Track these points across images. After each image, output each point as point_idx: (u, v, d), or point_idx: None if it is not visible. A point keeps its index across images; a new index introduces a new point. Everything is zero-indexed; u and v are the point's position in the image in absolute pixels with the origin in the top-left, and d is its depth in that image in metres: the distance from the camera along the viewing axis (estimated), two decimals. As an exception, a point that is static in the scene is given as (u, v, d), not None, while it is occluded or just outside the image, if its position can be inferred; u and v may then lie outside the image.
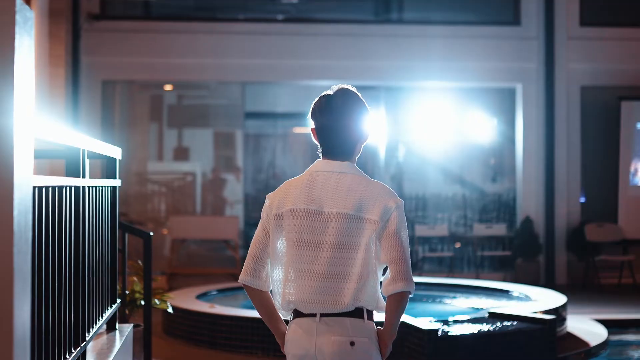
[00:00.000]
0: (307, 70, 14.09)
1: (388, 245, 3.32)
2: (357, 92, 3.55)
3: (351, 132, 3.49)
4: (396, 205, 3.36)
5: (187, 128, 15.56)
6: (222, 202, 15.26)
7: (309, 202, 3.41)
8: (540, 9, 14.57)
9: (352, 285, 3.32)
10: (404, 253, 3.32)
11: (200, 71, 14.44)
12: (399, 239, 3.33)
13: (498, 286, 11.34)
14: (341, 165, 3.47)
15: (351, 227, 3.34)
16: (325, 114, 3.51)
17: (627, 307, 12.00)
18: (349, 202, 3.36)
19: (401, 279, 3.28)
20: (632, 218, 14.31)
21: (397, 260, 3.30)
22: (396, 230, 3.33)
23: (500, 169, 15.67)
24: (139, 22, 14.51)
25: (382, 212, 3.34)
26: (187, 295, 10.11)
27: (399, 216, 3.36)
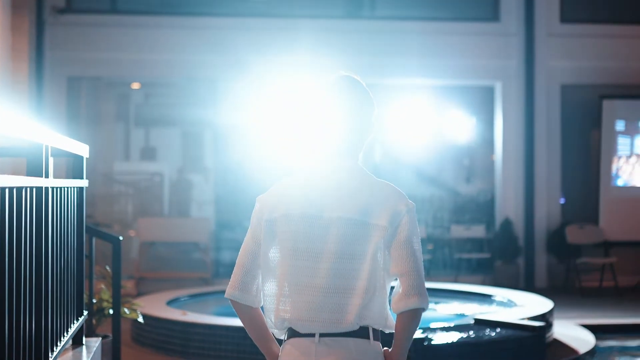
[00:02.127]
0: (279, 66, 13.67)
1: (399, 255, 2.91)
2: (361, 81, 3.12)
3: (355, 126, 3.06)
4: (407, 209, 2.95)
5: (155, 127, 15.27)
6: (192, 203, 14.96)
7: (306, 206, 2.98)
8: (520, 5, 14.31)
9: (356, 301, 2.89)
10: (416, 264, 2.91)
11: (169, 68, 14.06)
12: (411, 248, 2.91)
13: (480, 290, 11.03)
14: (343, 163, 3.04)
15: (355, 234, 2.91)
16: (326, 105, 3.09)
17: (610, 311, 11.79)
18: (352, 205, 2.94)
19: (414, 294, 2.86)
20: (613, 219, 14.09)
21: (409, 272, 2.88)
22: (407, 237, 2.92)
23: (479, 169, 15.44)
24: (105, 16, 14.09)
25: (392, 217, 2.93)
26: (157, 301, 9.71)
27: (411, 221, 2.95)
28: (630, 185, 14.30)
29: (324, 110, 3.10)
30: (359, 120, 3.06)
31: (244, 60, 13.68)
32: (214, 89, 14.39)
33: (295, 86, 13.40)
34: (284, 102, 13.51)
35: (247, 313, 3.07)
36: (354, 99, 3.06)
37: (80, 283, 4.71)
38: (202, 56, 13.78)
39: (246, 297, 3.04)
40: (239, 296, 3.04)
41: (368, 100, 3.09)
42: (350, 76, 3.11)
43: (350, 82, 3.09)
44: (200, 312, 9.25)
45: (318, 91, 3.13)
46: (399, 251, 2.90)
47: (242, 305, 3.05)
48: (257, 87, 13.76)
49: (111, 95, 15.13)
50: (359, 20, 14.46)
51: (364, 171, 3.05)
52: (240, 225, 15.00)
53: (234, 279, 3.05)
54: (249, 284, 3.04)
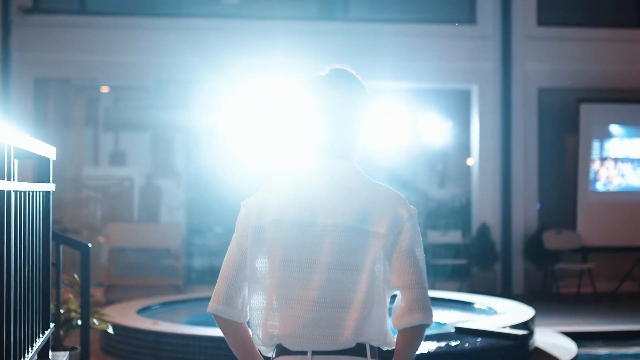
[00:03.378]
0: (253, 68, 13.42)
1: (400, 265, 2.66)
2: (357, 75, 2.87)
3: (345, 122, 2.81)
4: (409, 215, 2.69)
5: (125, 131, 15.03)
6: (163, 208, 14.72)
7: (298, 211, 2.72)
8: (497, 7, 14.16)
9: (353, 316, 2.63)
10: (420, 275, 2.66)
11: (140, 70, 13.79)
12: (414, 258, 2.66)
13: (459, 297, 10.82)
14: (338, 164, 2.78)
15: (352, 243, 2.65)
16: (317, 100, 2.83)
17: (589, 317, 11.67)
18: (349, 211, 2.68)
19: (418, 309, 2.61)
20: (591, 224, 13.97)
21: (412, 285, 2.64)
22: (410, 246, 2.67)
23: (455, 174, 15.27)
24: (74, 16, 13.78)
25: (392, 224, 2.67)
26: (127, 310, 9.41)
27: (413, 228, 2.69)
28: (608, 190, 14.18)
29: (310, 107, 2.86)
30: (349, 116, 2.81)
31: (217, 62, 13.43)
32: (186, 91, 14.14)
33: (269, 88, 13.20)
34: (258, 104, 13.30)
35: (231, 329, 2.82)
36: (342, 93, 2.81)
37: (46, 293, 4.44)
38: (174, 58, 13.51)
39: (231, 311, 2.79)
40: (223, 310, 2.79)
41: (359, 95, 2.84)
42: (341, 70, 2.86)
43: (338, 76, 2.83)
44: (172, 321, 8.98)
45: (306, 87, 2.88)
46: (401, 261, 2.66)
47: (226, 320, 2.80)
48: (230, 89, 13.51)
49: (80, 99, 14.86)
50: (332, 22, 14.26)
51: (360, 173, 2.79)
52: (211, 231, 14.78)
53: (218, 292, 2.80)
54: (234, 297, 2.79)
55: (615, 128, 14.19)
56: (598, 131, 14.08)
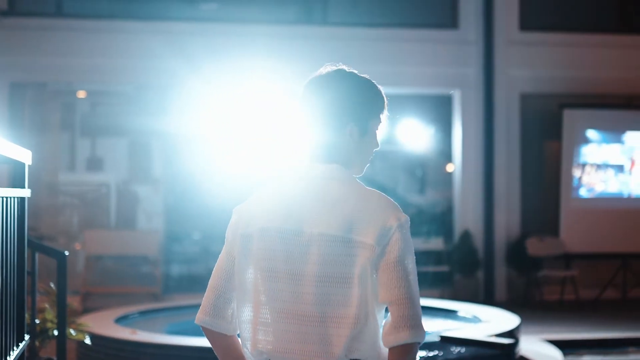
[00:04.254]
0: (232, 72, 13.25)
1: (388, 279, 2.46)
2: (361, 75, 2.69)
3: (342, 127, 2.62)
4: (398, 224, 2.49)
5: (102, 137, 14.84)
6: (141, 215, 14.54)
7: (284, 219, 2.55)
8: (479, 12, 14.06)
9: (344, 332, 2.46)
10: (409, 290, 2.47)
11: (117, 74, 13.62)
12: (403, 271, 2.47)
13: (443, 305, 10.67)
14: (328, 169, 2.60)
15: (338, 253, 2.47)
16: (308, 103, 2.67)
17: (573, 325, 11.59)
18: (335, 219, 2.50)
19: (405, 326, 2.43)
20: (574, 231, 13.89)
21: (399, 300, 2.44)
22: (399, 258, 2.47)
23: (437, 180, 15.16)
24: (51, 19, 13.56)
25: (380, 234, 2.47)
26: (105, 319, 9.20)
27: (403, 239, 2.49)
28: (591, 197, 14.11)
29: (301, 110, 2.69)
30: (340, 119, 2.62)
31: (195, 66, 13.26)
32: (165, 96, 13.95)
33: (249, 92, 13.06)
34: (238, 109, 13.15)
35: (220, 342, 2.69)
36: (333, 95, 2.63)
37: (21, 304, 4.26)
38: (153, 62, 13.33)
39: (219, 323, 2.66)
40: (211, 322, 2.66)
41: (355, 96, 2.64)
42: (335, 70, 2.68)
43: (330, 77, 2.66)
44: (152, 330, 8.79)
45: (304, 87, 2.72)
46: (389, 274, 2.46)
47: (214, 332, 2.68)
48: (210, 93, 13.34)
49: (56, 103, 14.66)
50: (311, 26, 14.12)
51: (351, 179, 2.61)
52: (190, 238, 14.61)
53: (205, 303, 2.68)
54: (222, 308, 2.66)
55: (597, 134, 14.12)
56: (581, 137, 14.01)
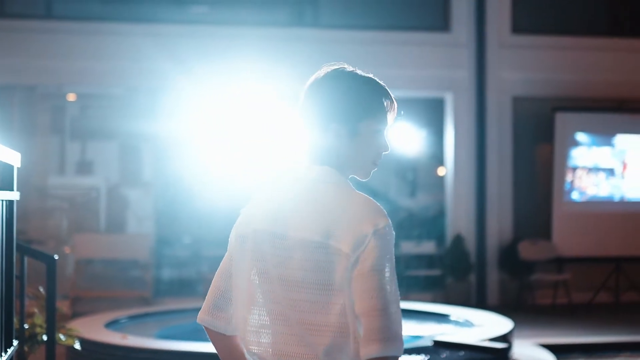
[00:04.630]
0: (224, 75, 13.17)
1: (361, 289, 2.31)
2: (360, 75, 2.58)
3: (334, 128, 2.52)
4: (374, 230, 2.34)
5: (92, 140, 14.76)
6: (131, 218, 14.46)
7: (273, 222, 2.48)
8: (471, 15, 14.00)
9: (324, 340, 2.37)
10: (382, 301, 2.29)
11: (107, 76, 13.51)
12: (377, 282, 2.30)
13: (435, 309, 10.62)
14: (317, 172, 2.51)
15: (318, 260, 2.37)
16: (301, 103, 2.60)
17: (566, 329, 11.55)
18: (316, 225, 2.40)
19: (375, 340, 2.26)
20: (566, 235, 13.85)
21: (370, 311, 2.28)
22: (373, 267, 2.31)
23: (429, 184, 15.10)
24: (40, 21, 13.47)
25: (355, 242, 2.33)
26: (95, 323, 9.12)
27: (380, 247, 2.33)
28: (583, 200, 14.08)
29: (297, 111, 2.62)
30: (331, 119, 2.52)
31: (187, 69, 13.18)
32: (155, 99, 13.87)
33: (240, 95, 12.99)
34: (229, 112, 13.09)
35: (220, 342, 2.66)
36: (319, 96, 2.55)
37: (9, 309, 4.18)
38: (143, 64, 13.23)
39: (217, 323, 2.63)
40: (210, 322, 2.63)
41: (341, 96, 2.53)
42: (331, 70, 2.59)
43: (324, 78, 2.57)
44: (142, 335, 8.72)
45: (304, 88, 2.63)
46: (361, 284, 2.31)
47: (214, 332, 2.65)
48: (200, 96, 13.26)
49: (46, 106, 14.57)
50: (302, 29, 14.06)
51: (339, 181, 2.51)
52: (181, 241, 14.54)
53: (206, 302, 2.65)
54: (222, 308, 2.63)
55: (590, 137, 14.09)
56: (573, 140, 13.97)
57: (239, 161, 13.06)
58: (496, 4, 14.09)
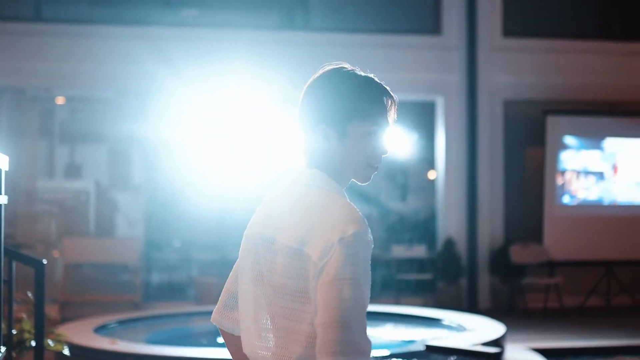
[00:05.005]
0: (214, 78, 13.11)
1: (322, 299, 2.21)
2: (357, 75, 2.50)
3: (323, 130, 2.45)
4: (340, 238, 2.23)
5: (81, 143, 14.69)
6: (121, 222, 14.38)
7: (265, 226, 2.44)
8: (462, 18, 13.96)
9: (298, 349, 2.31)
10: (341, 312, 2.17)
11: (97, 79, 13.44)
12: (338, 292, 2.19)
13: (427, 314, 10.57)
14: (306, 175, 2.46)
15: (294, 267, 2.30)
16: (298, 105, 2.54)
17: (558, 333, 11.50)
18: (295, 230, 2.34)
19: (328, 353, 2.16)
20: (558, 238, 13.82)
21: (327, 323, 2.17)
22: (335, 277, 2.20)
23: (420, 187, 15.05)
24: (29, 24, 13.39)
25: (322, 250, 2.24)
26: (84, 328, 9.05)
27: (345, 255, 2.21)
28: (574, 204, 14.05)
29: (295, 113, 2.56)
30: (311, 121, 2.47)
31: (177, 72, 13.11)
32: (145, 102, 13.81)
33: (231, 98, 12.94)
34: (219, 115, 13.04)
35: (231, 341, 2.65)
36: (310, 97, 2.49)
37: (-4, 314, 4.11)
38: (133, 67, 13.16)
39: (226, 323, 2.63)
40: (220, 322, 2.64)
41: (331, 97, 2.45)
42: (326, 70, 2.52)
43: (315, 79, 2.51)
44: (132, 340, 8.67)
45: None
46: (323, 294, 2.21)
47: (224, 332, 2.66)
48: (191, 99, 13.20)
49: (35, 110, 14.50)
50: (293, 32, 14.03)
51: (325, 185, 2.43)
52: (171, 245, 14.47)
53: (218, 302, 2.66)
54: (232, 308, 2.63)
55: (581, 140, 14.07)
56: (564, 143, 13.95)
57: (229, 165, 13.01)
58: (487, 7, 14.06)
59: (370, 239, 2.28)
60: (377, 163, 2.52)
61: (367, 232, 2.28)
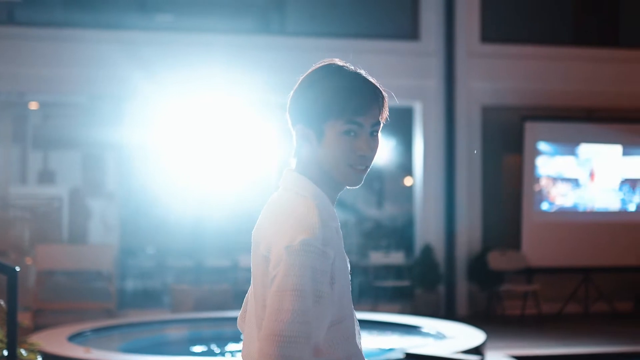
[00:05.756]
0: (189, 82, 12.99)
1: (267, 311, 2.14)
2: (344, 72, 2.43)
3: (305, 133, 2.37)
4: (286, 246, 2.15)
5: (55, 149, 14.55)
6: (95, 229, 14.24)
7: (257, 229, 2.35)
8: (440, 23, 13.92)
9: None
10: (279, 327, 2.08)
11: (71, 84, 13.29)
12: (278, 303, 2.11)
13: (405, 321, 10.48)
14: (286, 177, 2.38)
15: (265, 275, 2.22)
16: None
17: (536, 340, 11.47)
18: (265, 237, 2.26)
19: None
20: (536, 245, 13.80)
21: (264, 337, 2.10)
22: (278, 287, 2.12)
23: (398, 193, 14.98)
24: (1, 27, 13.22)
25: (276, 259, 2.17)
26: (57, 336, 8.89)
27: (289, 264, 2.12)
28: (552, 210, 14.04)
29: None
30: (291, 121, 2.40)
31: (152, 76, 12.98)
32: (119, 107, 13.68)
33: (206, 103, 12.84)
34: (195, 120, 12.94)
35: None
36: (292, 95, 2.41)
37: (-33, 323, 3.98)
38: (107, 71, 13.02)
39: (244, 327, 2.52)
40: (240, 325, 2.53)
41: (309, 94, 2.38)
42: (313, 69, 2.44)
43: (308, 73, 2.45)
44: (106, 348, 8.55)
45: None
46: (268, 305, 2.14)
47: None
48: (166, 104, 13.09)
49: (7, 115, 14.34)
50: (269, 36, 13.94)
51: (298, 189, 2.33)
52: (146, 252, 14.33)
53: (242, 308, 2.55)
54: None
55: (559, 147, 14.06)
56: (542, 150, 13.93)
57: (204, 170, 12.92)
58: (465, 13, 14.02)
59: (323, 248, 2.16)
60: (359, 165, 2.38)
61: (318, 240, 2.16)
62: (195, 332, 10.18)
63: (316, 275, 2.13)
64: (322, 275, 2.14)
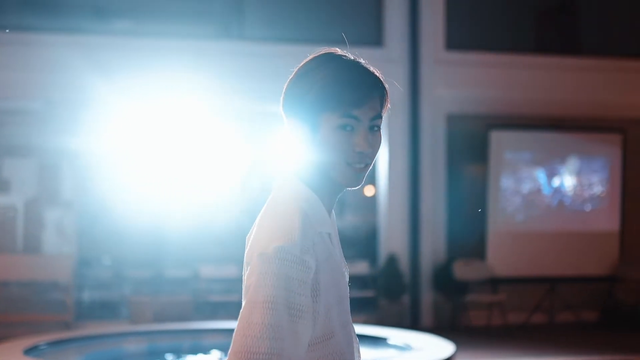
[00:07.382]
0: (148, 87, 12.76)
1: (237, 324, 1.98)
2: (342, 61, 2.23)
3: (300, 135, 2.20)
4: (259, 254, 1.98)
5: (9, 157, 14.25)
6: (51, 238, 13.95)
7: (248, 237, 2.15)
8: (405, 30, 13.80)
9: None
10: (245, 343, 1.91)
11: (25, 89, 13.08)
12: (247, 316, 1.93)
13: (371, 332, 10.24)
14: (279, 180, 2.20)
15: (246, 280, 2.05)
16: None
17: (501, 350, 11.44)
18: (251, 241, 2.09)
19: None
20: (501, 255, 13.72)
21: (230, 353, 1.93)
22: (248, 300, 1.95)
23: (359, 203, 14.79)
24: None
25: (251, 268, 2.00)
26: (13, 350, 8.60)
27: (260, 273, 1.95)
28: (517, 220, 13.96)
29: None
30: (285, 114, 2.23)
31: (110, 82, 12.74)
32: (76, 113, 13.40)
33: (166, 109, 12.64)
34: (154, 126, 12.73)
35: None
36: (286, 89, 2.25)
37: None
38: (64, 77, 12.76)
39: None
40: None
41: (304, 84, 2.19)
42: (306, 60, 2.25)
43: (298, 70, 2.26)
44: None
45: None
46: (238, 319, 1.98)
47: None
48: (124, 110, 12.84)
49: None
50: (228, 41, 13.76)
51: (289, 190, 2.15)
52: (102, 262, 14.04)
53: None
54: None
55: (525, 156, 14.00)
56: (508, 159, 13.85)
57: (164, 178, 12.71)
58: (430, 19, 13.90)
59: (301, 255, 1.97)
60: (357, 163, 2.18)
61: (295, 247, 1.96)
62: (155, 345, 9.94)
63: (292, 286, 1.94)
64: (299, 286, 1.95)
